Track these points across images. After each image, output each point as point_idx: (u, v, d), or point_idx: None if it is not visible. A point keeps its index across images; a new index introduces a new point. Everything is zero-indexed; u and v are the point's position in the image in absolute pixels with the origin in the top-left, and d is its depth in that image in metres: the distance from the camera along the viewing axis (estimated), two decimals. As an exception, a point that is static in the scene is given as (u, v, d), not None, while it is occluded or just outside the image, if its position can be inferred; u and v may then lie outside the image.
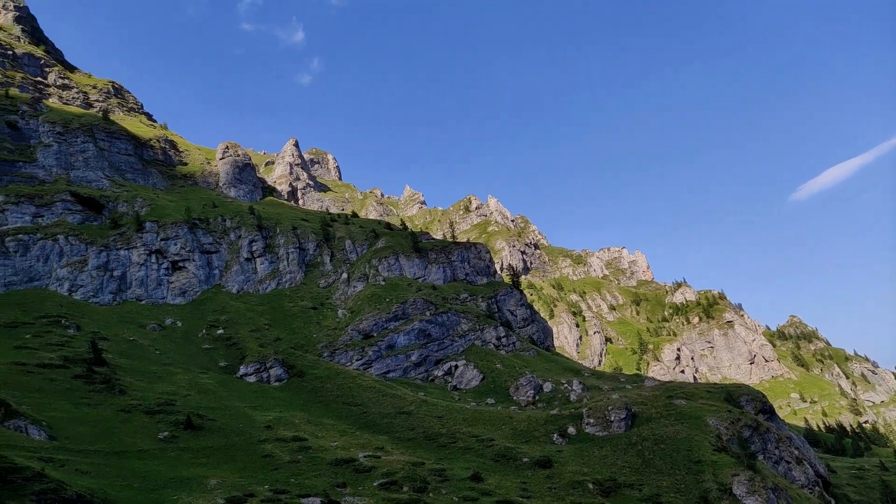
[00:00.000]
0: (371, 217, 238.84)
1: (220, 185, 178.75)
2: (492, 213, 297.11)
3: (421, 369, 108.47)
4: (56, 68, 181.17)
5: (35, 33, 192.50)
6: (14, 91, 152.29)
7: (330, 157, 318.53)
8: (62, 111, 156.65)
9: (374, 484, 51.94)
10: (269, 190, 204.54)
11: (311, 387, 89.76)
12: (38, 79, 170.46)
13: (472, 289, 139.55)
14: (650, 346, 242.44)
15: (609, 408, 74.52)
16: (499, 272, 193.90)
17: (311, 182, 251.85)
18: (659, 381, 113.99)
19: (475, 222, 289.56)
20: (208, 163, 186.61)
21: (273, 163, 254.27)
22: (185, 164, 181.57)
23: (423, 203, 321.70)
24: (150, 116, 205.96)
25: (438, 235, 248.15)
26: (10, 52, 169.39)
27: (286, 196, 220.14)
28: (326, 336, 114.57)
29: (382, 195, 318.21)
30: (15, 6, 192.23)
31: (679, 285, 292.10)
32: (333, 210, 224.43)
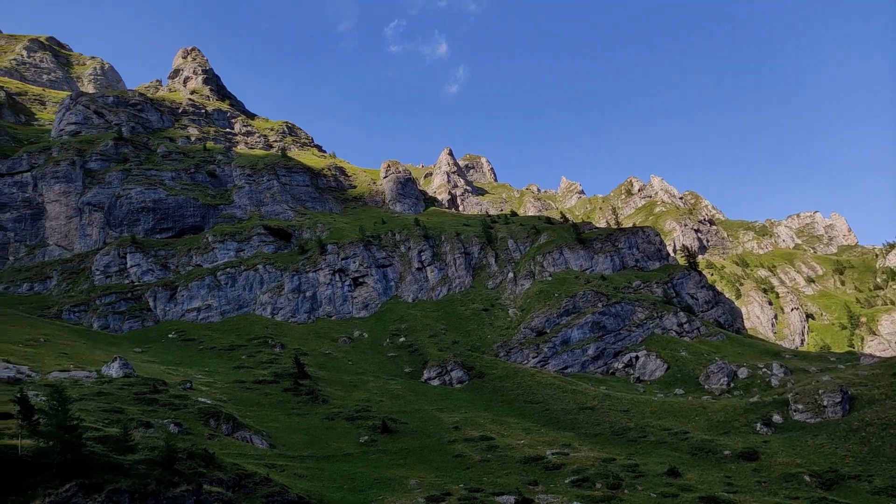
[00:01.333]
0: (530, 214, 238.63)
1: (387, 201, 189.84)
2: (656, 193, 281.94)
3: (599, 363, 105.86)
4: (240, 118, 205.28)
5: (220, 91, 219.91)
6: (210, 144, 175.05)
7: (483, 160, 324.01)
8: (249, 155, 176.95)
9: (566, 481, 51.57)
10: (431, 200, 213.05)
11: (491, 387, 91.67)
12: (227, 130, 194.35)
13: (644, 275, 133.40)
14: (863, 319, 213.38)
15: (820, 391, 66.89)
16: (672, 255, 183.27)
17: (468, 187, 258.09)
18: (879, 357, 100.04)
19: (639, 205, 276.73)
20: (374, 183, 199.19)
21: (431, 174, 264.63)
22: (354, 186, 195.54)
23: (582, 192, 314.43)
24: (320, 148, 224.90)
25: (601, 224, 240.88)
26: (203, 111, 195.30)
27: (446, 204, 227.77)
28: (500, 336, 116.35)
29: (539, 190, 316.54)
30: (202, 70, 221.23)
31: (892, 246, 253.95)
32: (492, 212, 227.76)
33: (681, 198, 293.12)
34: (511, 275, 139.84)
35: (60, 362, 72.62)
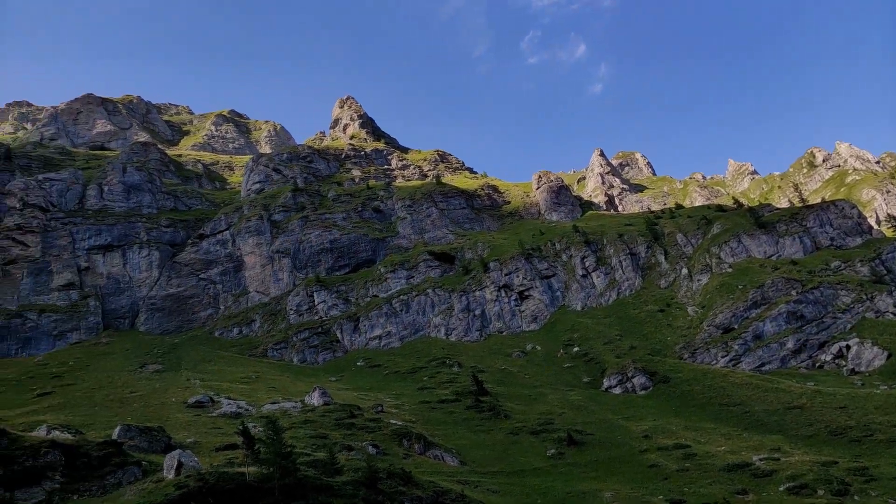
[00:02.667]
0: (697, 204, 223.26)
1: (542, 212, 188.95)
2: (845, 161, 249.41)
3: (802, 356, 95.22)
4: (395, 154, 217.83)
5: (375, 132, 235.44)
6: (372, 182, 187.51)
7: (638, 155, 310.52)
8: (407, 187, 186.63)
9: (780, 489, 46.83)
10: (587, 205, 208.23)
11: (679, 391, 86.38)
12: (385, 167, 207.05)
13: (843, 254, 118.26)
14: None
15: None
16: (875, 227, 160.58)
17: (625, 186, 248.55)
18: None
19: (826, 177, 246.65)
20: (527, 196, 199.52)
21: (584, 178, 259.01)
22: (508, 202, 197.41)
23: (755, 173, 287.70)
24: (471, 170, 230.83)
25: (783, 204, 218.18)
26: (362, 153, 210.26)
27: (604, 206, 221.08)
28: (682, 337, 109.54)
29: (704, 178, 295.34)
30: (358, 116, 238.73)
31: None
32: (655, 208, 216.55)
33: (877, 162, 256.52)
34: (685, 271, 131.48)
35: (271, 395, 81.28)
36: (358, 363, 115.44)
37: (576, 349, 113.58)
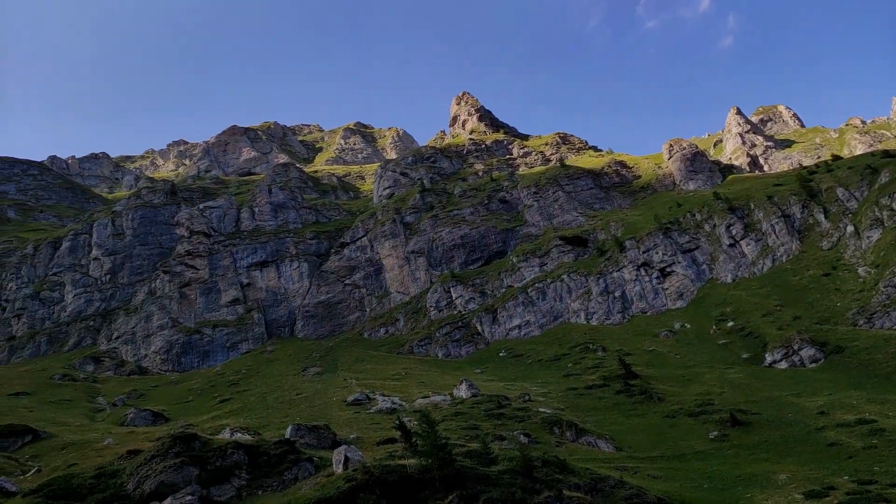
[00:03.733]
0: (858, 153, 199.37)
1: (677, 183, 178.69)
2: None
3: None
4: (515, 142, 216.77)
5: (494, 123, 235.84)
6: (495, 174, 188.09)
7: (781, 108, 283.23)
8: (530, 174, 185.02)
9: None
10: (727, 169, 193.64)
11: (856, 361, 77.97)
12: (507, 157, 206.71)
13: None
14: None
15: None
16: None
17: (769, 143, 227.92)
18: None
19: None
20: (658, 167, 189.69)
21: (720, 141, 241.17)
22: (638, 176, 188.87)
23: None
24: (596, 149, 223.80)
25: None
26: (483, 146, 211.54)
27: (746, 168, 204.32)
28: (854, 302, 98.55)
29: (863, 122, 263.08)
30: (475, 110, 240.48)
31: None
32: (807, 163, 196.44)
33: None
34: (850, 228, 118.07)
35: (421, 390, 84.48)
36: (500, 354, 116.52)
37: (730, 324, 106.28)
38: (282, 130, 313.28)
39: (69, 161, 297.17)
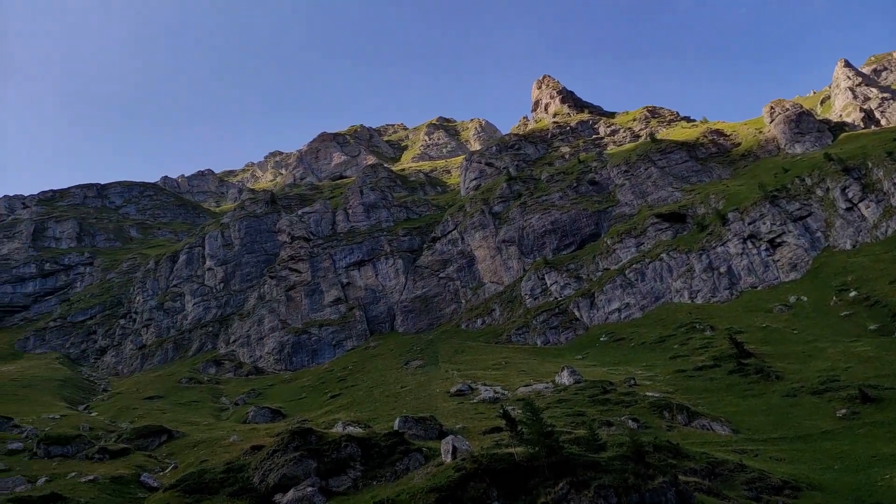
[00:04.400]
0: None
1: (781, 147, 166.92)
2: None
3: None
4: (601, 121, 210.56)
5: (577, 104, 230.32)
6: (583, 155, 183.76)
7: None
8: (619, 152, 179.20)
9: None
10: (838, 127, 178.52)
11: None
12: (593, 137, 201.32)
13: None
14: None
15: None
16: None
17: (885, 95, 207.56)
18: None
19: None
20: (759, 132, 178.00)
21: (828, 98, 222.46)
22: (738, 144, 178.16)
23: None
24: (688, 119, 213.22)
25: None
26: (567, 128, 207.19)
27: (860, 124, 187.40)
28: None
29: None
30: (557, 92, 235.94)
31: None
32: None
33: None
34: None
35: (522, 378, 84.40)
36: (601, 339, 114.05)
37: (853, 294, 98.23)
38: (368, 133, 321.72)
39: (179, 180, 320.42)
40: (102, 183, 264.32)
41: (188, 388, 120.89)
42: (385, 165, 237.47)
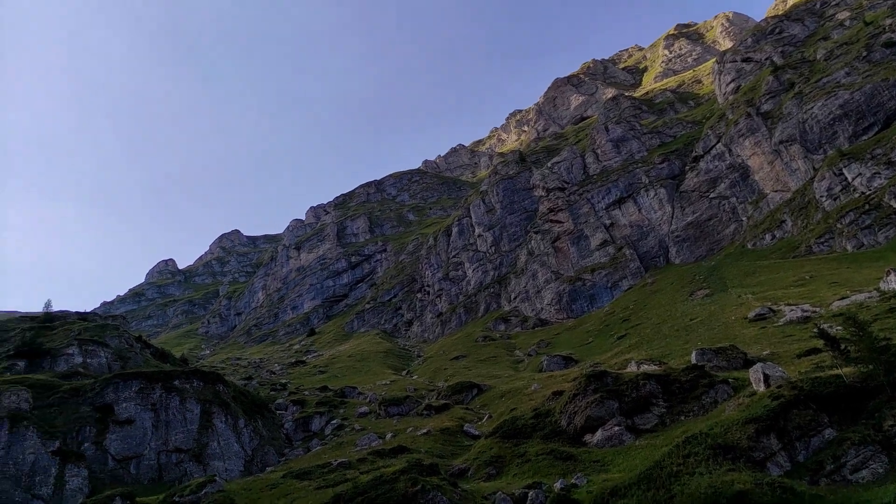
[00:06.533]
0: None
1: None
2: None
3: None
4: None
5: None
6: (869, 15, 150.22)
7: None
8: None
9: None
10: None
11: None
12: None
13: None
14: None
15: None
16: None
17: None
18: None
19: None
20: None
21: None
22: None
23: None
24: None
25: None
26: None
27: None
28: None
29: None
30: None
31: None
32: None
33: None
34: None
35: (834, 291, 73.75)
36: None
37: None
38: (601, 66, 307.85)
39: (437, 160, 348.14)
40: (378, 178, 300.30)
41: (485, 346, 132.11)
42: (626, 94, 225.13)
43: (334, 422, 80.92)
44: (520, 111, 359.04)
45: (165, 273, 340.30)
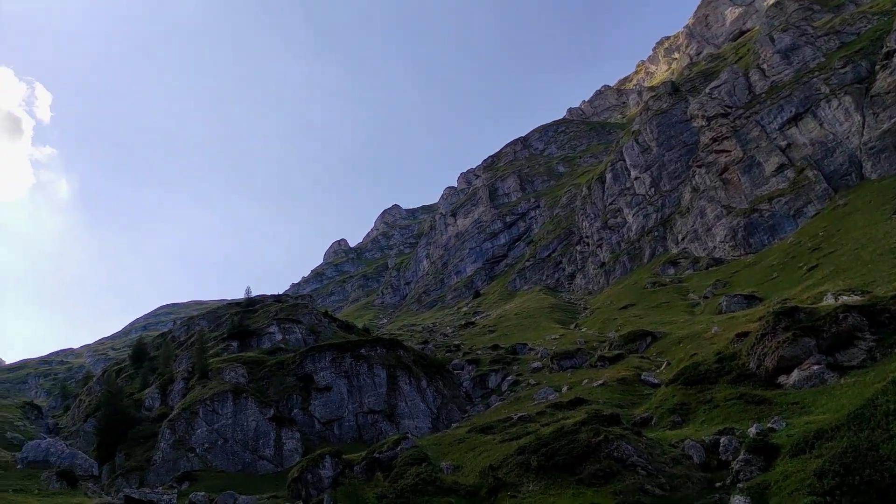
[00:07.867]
0: None
1: None
2: None
3: None
4: None
5: None
6: None
7: None
8: None
9: None
10: None
11: None
12: None
13: None
14: None
15: None
16: None
17: None
18: None
19: None
20: None
21: None
22: None
23: None
24: None
25: None
26: None
27: None
28: None
29: None
30: None
31: None
32: None
33: None
34: None
35: None
36: None
37: None
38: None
39: (582, 106, 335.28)
40: (523, 135, 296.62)
41: (654, 292, 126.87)
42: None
43: (509, 378, 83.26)
44: (667, 38, 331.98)
45: (340, 252, 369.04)
